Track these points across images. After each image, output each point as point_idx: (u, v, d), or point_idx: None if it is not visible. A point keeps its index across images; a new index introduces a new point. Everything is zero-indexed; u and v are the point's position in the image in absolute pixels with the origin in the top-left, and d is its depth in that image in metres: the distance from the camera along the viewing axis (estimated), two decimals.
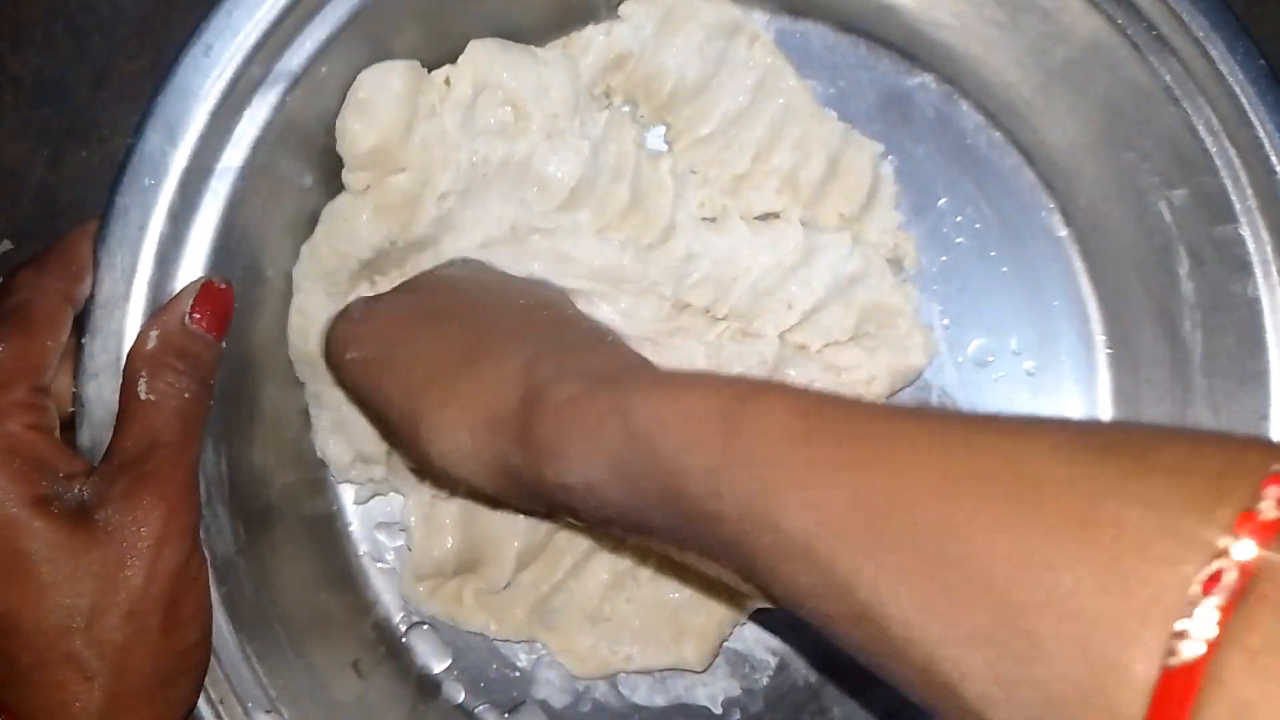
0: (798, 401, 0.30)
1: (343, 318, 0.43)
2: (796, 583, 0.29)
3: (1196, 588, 0.23)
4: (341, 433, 0.48)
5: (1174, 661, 0.22)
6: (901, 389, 0.50)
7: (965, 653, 0.25)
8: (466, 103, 0.45)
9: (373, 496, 0.50)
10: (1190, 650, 0.22)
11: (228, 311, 0.42)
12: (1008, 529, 0.25)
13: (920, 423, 0.29)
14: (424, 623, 0.50)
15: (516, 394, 0.35)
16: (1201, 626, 0.22)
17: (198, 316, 0.41)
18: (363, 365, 0.41)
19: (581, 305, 0.46)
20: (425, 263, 0.47)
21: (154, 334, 0.40)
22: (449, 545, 0.48)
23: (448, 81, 0.46)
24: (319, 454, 0.48)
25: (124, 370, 0.40)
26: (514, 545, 0.48)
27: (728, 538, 0.30)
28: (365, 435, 0.47)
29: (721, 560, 0.32)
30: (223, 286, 0.42)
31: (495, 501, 0.46)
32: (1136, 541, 0.23)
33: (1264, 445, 0.25)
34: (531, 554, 0.49)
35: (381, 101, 0.44)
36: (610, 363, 0.37)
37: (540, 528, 0.49)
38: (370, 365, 0.40)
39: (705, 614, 0.49)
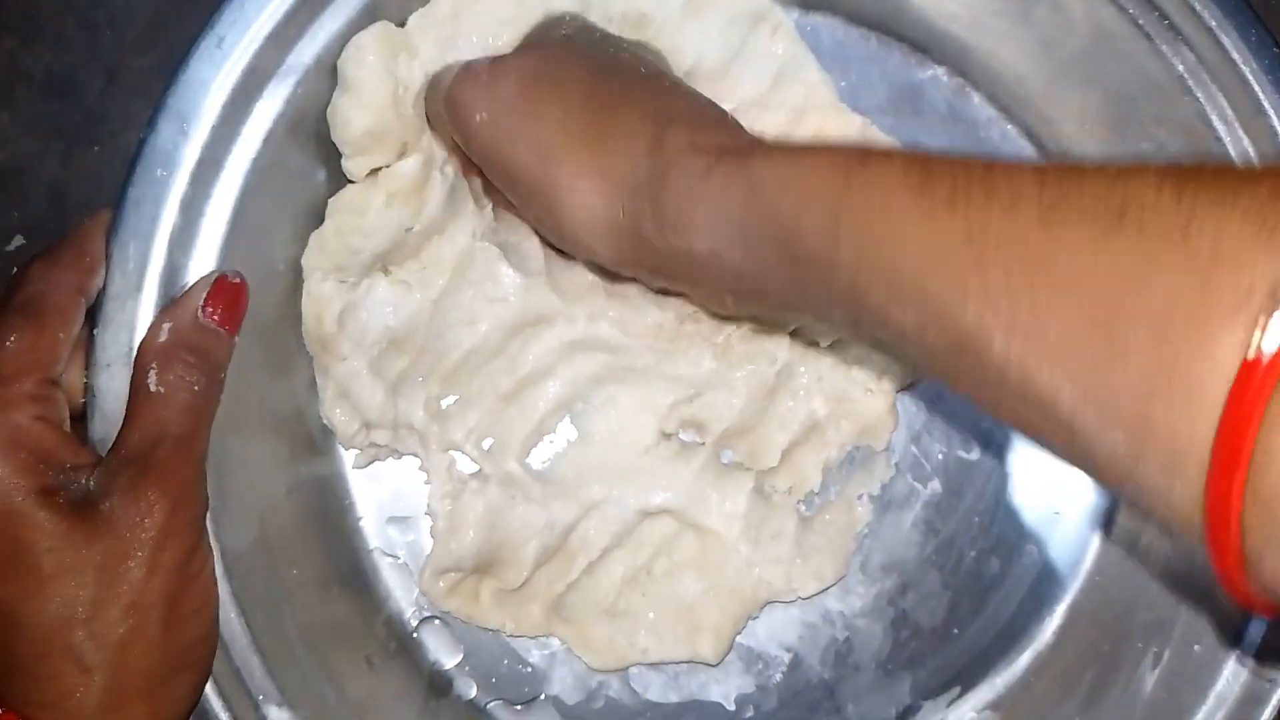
0: (913, 157, 0.31)
1: (469, 79, 0.41)
2: (907, 322, 0.30)
3: None
4: (346, 401, 0.47)
5: (1254, 352, 0.23)
6: (914, 384, 0.50)
7: (1058, 366, 0.27)
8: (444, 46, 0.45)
9: (371, 462, 0.50)
10: (1272, 342, 0.23)
11: (240, 306, 0.42)
12: (1107, 247, 0.26)
13: (1028, 169, 0.29)
14: (435, 618, 0.50)
15: (648, 165, 0.37)
16: None
17: (210, 310, 0.41)
18: (492, 129, 0.40)
19: (592, 301, 0.47)
20: (442, 249, 0.47)
21: (166, 326, 0.40)
22: (470, 539, 0.48)
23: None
24: (325, 421, 0.48)
25: (134, 362, 0.40)
26: (531, 545, 0.48)
27: (842, 288, 0.32)
28: (369, 403, 0.47)
29: (834, 313, 0.33)
30: (236, 281, 0.42)
31: (614, 276, 0.46)
32: (1230, 246, 0.24)
33: None
34: (547, 554, 0.48)
35: (363, 78, 0.44)
36: (734, 137, 0.38)
37: (557, 529, 0.48)
38: (502, 130, 0.40)
39: (719, 608, 0.49)
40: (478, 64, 0.42)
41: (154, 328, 0.41)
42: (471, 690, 0.50)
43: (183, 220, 0.42)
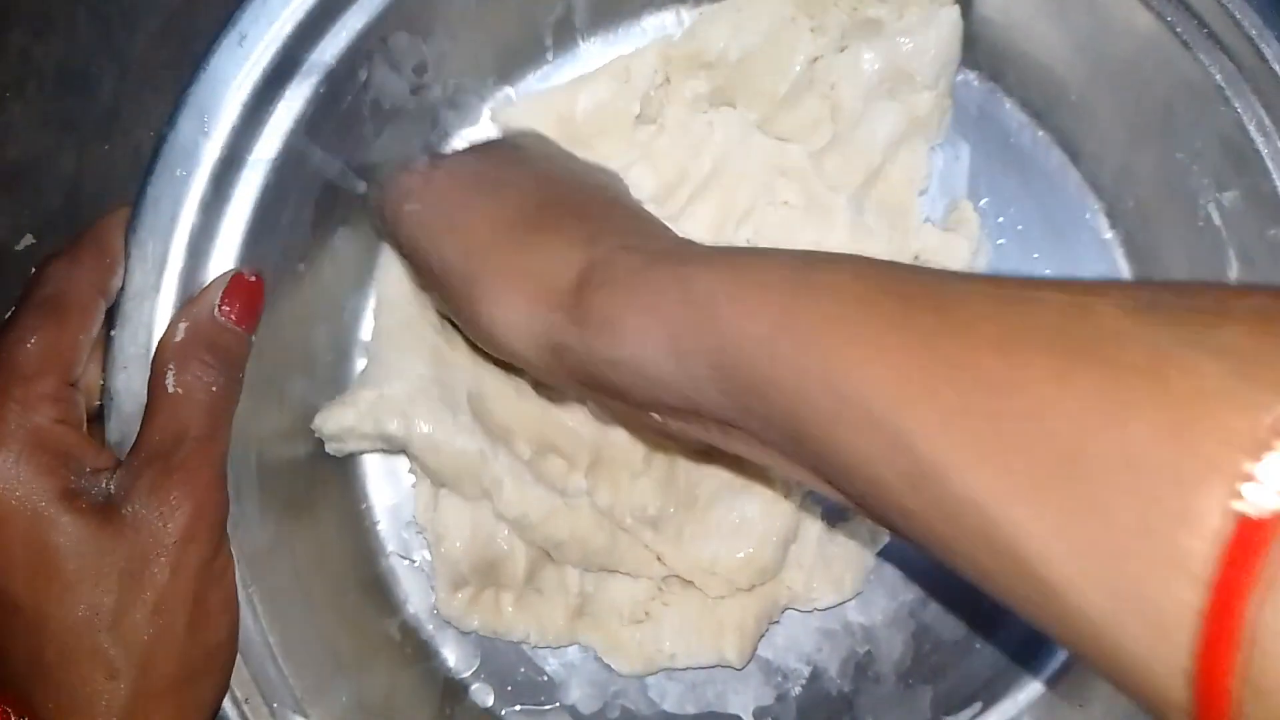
0: (860, 267, 0.30)
1: (405, 169, 0.41)
2: (854, 447, 0.28)
3: (1269, 433, 0.21)
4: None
5: (1244, 508, 0.21)
6: None
7: (1025, 507, 0.24)
8: None
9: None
10: (1261, 497, 0.21)
11: (258, 304, 0.41)
12: (1073, 381, 0.24)
13: (983, 284, 0.28)
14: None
15: (575, 268, 0.35)
16: (1274, 473, 0.21)
17: (227, 309, 0.40)
18: (421, 220, 0.40)
19: None
20: None
21: (183, 326, 0.40)
22: (459, 548, 0.47)
23: None
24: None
25: (152, 362, 0.40)
26: (519, 546, 0.48)
27: (783, 407, 0.30)
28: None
29: (771, 435, 0.31)
30: (253, 279, 0.41)
31: (540, 384, 0.46)
32: (1208, 388, 0.22)
33: None
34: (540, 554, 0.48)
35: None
36: (673, 243, 0.37)
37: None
38: (430, 221, 0.39)
39: (740, 609, 0.48)
40: (416, 161, 0.42)
41: (171, 327, 0.40)
42: (488, 698, 0.50)
43: (202, 219, 0.41)
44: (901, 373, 0.27)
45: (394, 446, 0.46)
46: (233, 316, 0.40)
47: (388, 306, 0.47)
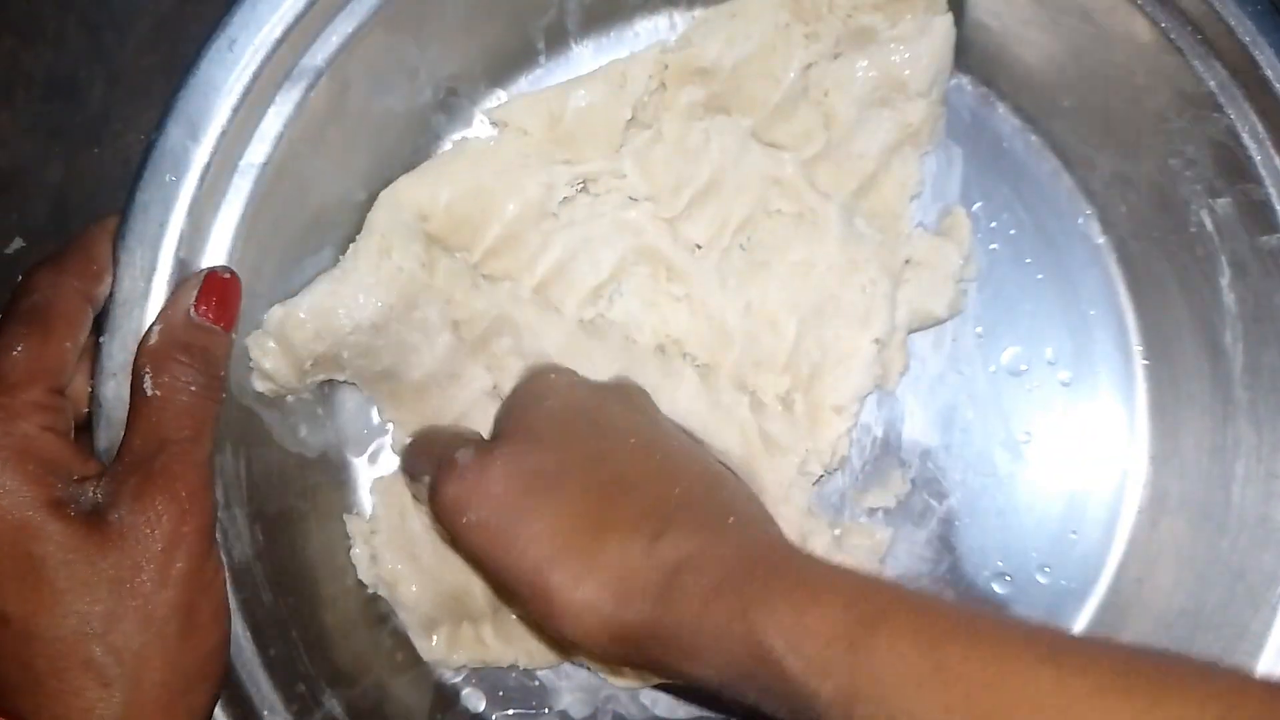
0: (923, 632, 0.32)
1: (452, 476, 0.40)
2: None
3: None
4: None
5: None
6: (916, 330, 0.50)
7: None
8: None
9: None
10: None
11: (234, 301, 0.41)
12: None
13: (1055, 673, 0.30)
14: None
15: (646, 578, 0.37)
16: None
17: (203, 308, 0.40)
18: (482, 531, 0.39)
19: None
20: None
21: (157, 328, 0.39)
22: (414, 590, 0.48)
23: None
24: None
25: (131, 368, 0.39)
26: (470, 574, 0.48)
27: None
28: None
29: None
30: (227, 276, 0.41)
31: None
32: None
33: None
34: None
35: (269, 367, 0.44)
36: (734, 550, 0.37)
37: None
38: (491, 532, 0.39)
39: None
40: (463, 459, 0.40)
41: (147, 331, 0.40)
42: (479, 704, 0.50)
43: (191, 226, 0.41)
44: None
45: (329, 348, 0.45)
46: (209, 315, 0.40)
47: None
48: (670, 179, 0.47)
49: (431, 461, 0.42)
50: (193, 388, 0.39)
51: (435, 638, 0.48)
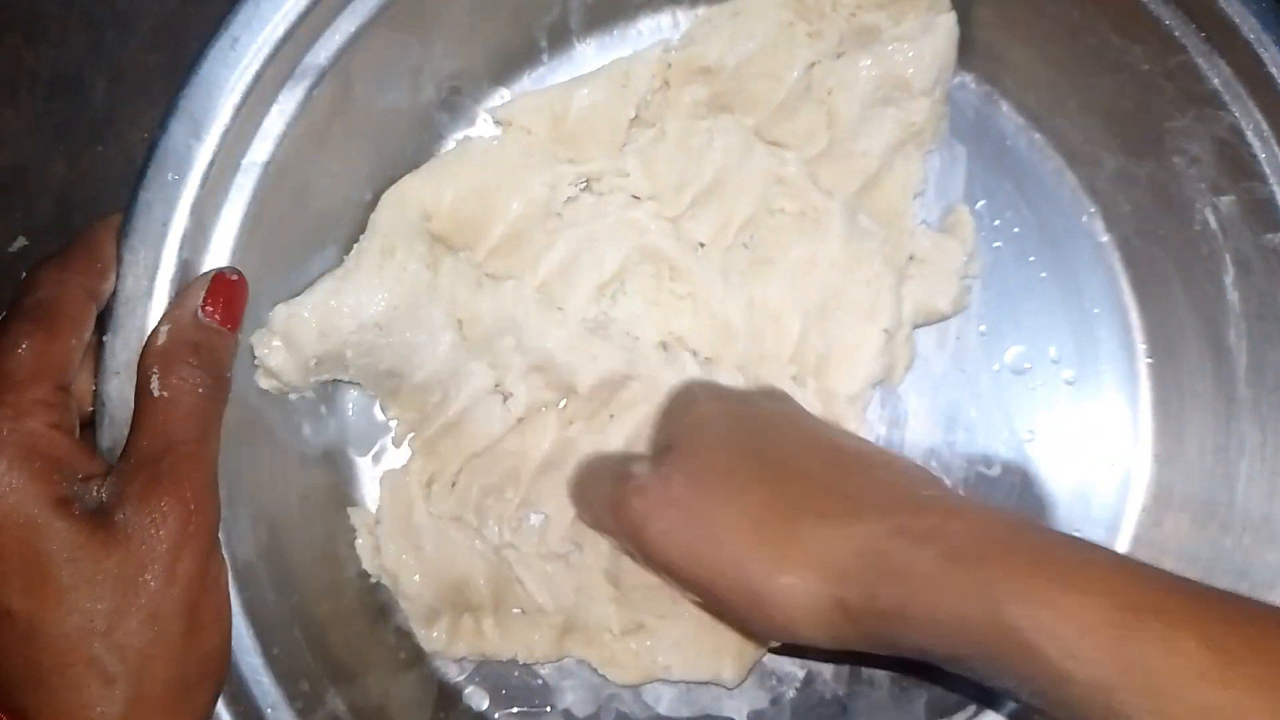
0: (1207, 627, 0.31)
1: (635, 494, 0.41)
2: None
3: None
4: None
5: None
6: (920, 325, 0.50)
7: None
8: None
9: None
10: None
11: (241, 302, 0.41)
12: None
13: None
14: None
15: (853, 551, 0.36)
16: None
17: (210, 309, 0.40)
18: (675, 538, 0.40)
19: None
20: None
21: (165, 329, 0.40)
22: (417, 580, 0.48)
23: None
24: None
25: (137, 367, 0.39)
26: (478, 569, 0.48)
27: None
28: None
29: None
30: (234, 278, 0.41)
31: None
32: None
33: None
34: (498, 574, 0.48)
35: (276, 364, 0.44)
36: (945, 525, 0.36)
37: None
38: (684, 538, 0.39)
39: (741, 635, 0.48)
40: (639, 474, 0.41)
41: (154, 331, 0.40)
42: (482, 702, 0.50)
43: (194, 224, 0.41)
44: None
45: (333, 345, 0.45)
46: (216, 317, 0.40)
47: None
48: (673, 178, 0.47)
49: (605, 484, 0.43)
50: (200, 389, 0.39)
51: (437, 629, 0.48)
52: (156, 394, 0.38)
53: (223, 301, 0.40)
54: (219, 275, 0.41)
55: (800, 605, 0.37)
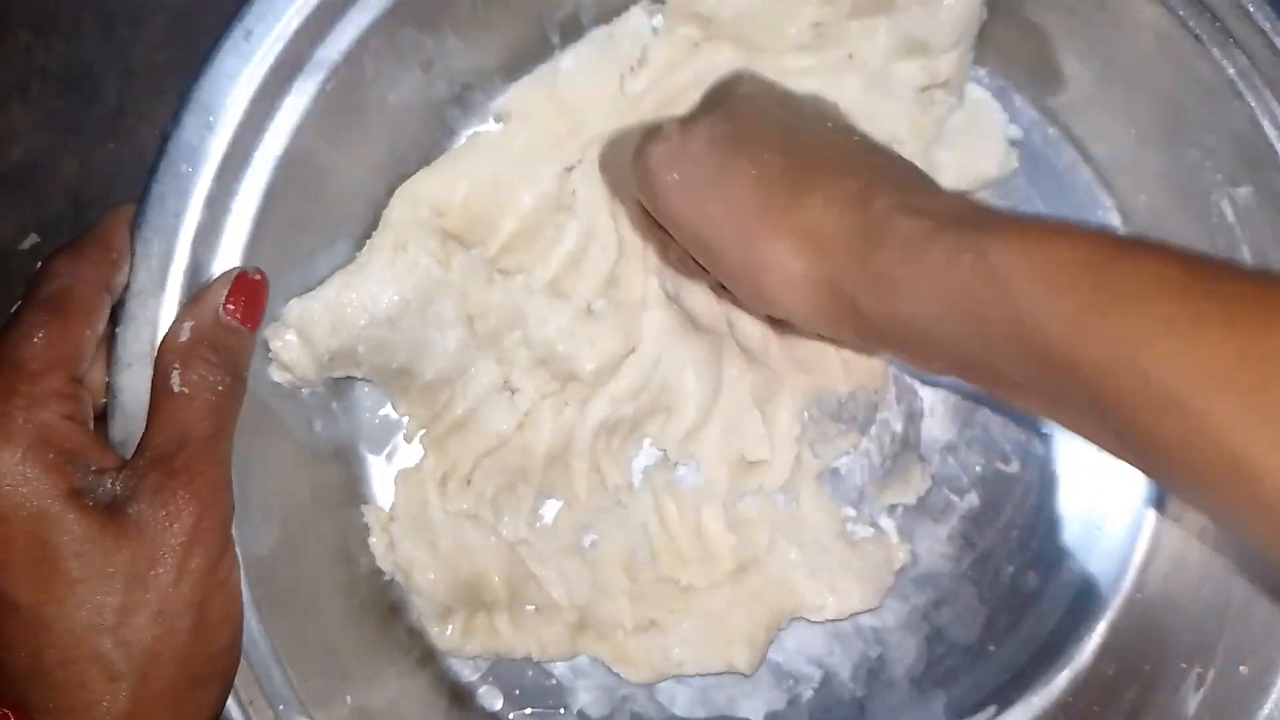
0: (1175, 255, 0.31)
1: (659, 140, 0.40)
2: (1157, 431, 0.29)
3: None
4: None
5: None
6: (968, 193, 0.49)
7: None
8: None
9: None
10: None
11: (261, 302, 0.41)
12: None
13: None
14: None
15: (855, 224, 0.36)
16: None
17: (231, 308, 0.40)
18: (686, 190, 0.39)
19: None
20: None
21: (187, 325, 0.40)
22: (431, 577, 0.47)
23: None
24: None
25: (156, 362, 0.39)
26: (492, 568, 0.48)
27: (1085, 383, 0.31)
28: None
29: (1068, 402, 0.32)
30: (257, 277, 0.41)
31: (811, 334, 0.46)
32: None
33: None
34: (514, 573, 0.48)
35: (292, 359, 0.44)
36: (948, 202, 0.36)
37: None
38: (694, 190, 0.39)
39: (749, 618, 0.48)
40: (666, 125, 0.41)
41: (175, 326, 0.40)
42: (496, 702, 0.49)
43: (207, 216, 0.41)
44: (1223, 373, 0.28)
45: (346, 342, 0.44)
46: (237, 315, 0.40)
47: None
48: (665, 97, 0.47)
49: (633, 140, 0.42)
50: (219, 386, 0.39)
51: (450, 626, 0.48)
52: (176, 390, 0.38)
53: (244, 301, 0.40)
54: (242, 274, 0.41)
55: (795, 271, 0.37)
